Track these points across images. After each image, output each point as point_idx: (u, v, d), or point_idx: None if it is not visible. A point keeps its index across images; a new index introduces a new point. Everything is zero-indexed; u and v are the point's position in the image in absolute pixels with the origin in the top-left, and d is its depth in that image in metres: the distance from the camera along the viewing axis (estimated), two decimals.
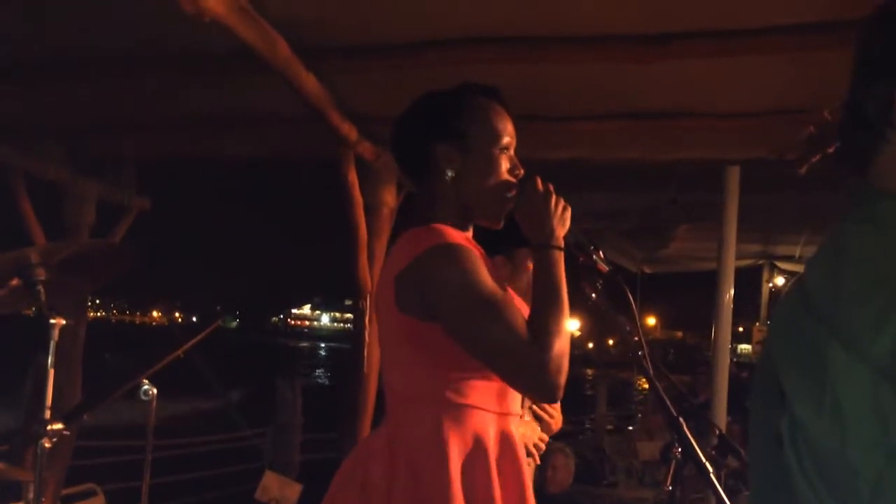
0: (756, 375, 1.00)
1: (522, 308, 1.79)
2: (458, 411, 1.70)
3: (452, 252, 1.67)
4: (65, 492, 4.87)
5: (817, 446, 0.80)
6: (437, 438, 1.68)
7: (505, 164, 1.83)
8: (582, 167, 5.35)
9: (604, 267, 1.82)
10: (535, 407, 2.54)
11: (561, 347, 1.61)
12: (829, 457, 0.79)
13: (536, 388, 1.63)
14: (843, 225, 0.93)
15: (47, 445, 2.43)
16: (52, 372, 2.49)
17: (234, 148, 5.21)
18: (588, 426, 11.95)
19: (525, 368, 1.61)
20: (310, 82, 3.56)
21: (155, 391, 2.91)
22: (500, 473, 1.72)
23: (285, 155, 5.35)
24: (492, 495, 1.69)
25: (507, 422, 1.79)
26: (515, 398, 1.84)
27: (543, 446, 2.45)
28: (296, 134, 4.63)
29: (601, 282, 1.87)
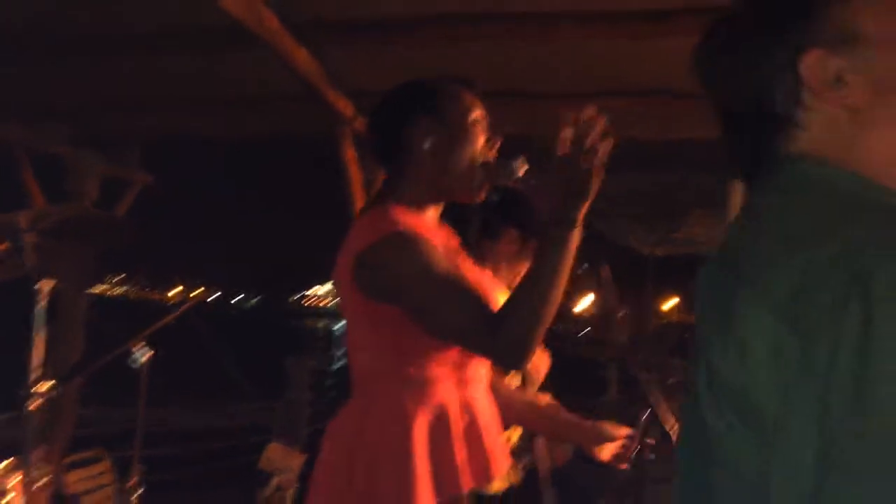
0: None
1: (490, 285, 1.85)
2: (420, 386, 1.73)
3: (405, 241, 1.69)
4: (70, 458, 4.90)
5: (728, 386, 0.83)
6: (401, 414, 1.72)
7: (481, 137, 1.85)
8: None
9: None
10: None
11: (531, 327, 1.60)
12: (740, 394, 0.82)
13: (496, 363, 1.77)
14: (759, 187, 0.97)
15: (31, 409, 2.46)
16: (37, 336, 2.51)
17: (230, 127, 5.19)
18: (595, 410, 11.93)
19: (481, 349, 1.70)
20: (301, 56, 3.54)
21: (146, 357, 2.92)
22: (465, 441, 1.75)
23: (283, 133, 5.30)
24: (456, 465, 1.72)
25: (470, 389, 1.82)
26: (479, 365, 1.85)
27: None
28: (292, 111, 4.62)
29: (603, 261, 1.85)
